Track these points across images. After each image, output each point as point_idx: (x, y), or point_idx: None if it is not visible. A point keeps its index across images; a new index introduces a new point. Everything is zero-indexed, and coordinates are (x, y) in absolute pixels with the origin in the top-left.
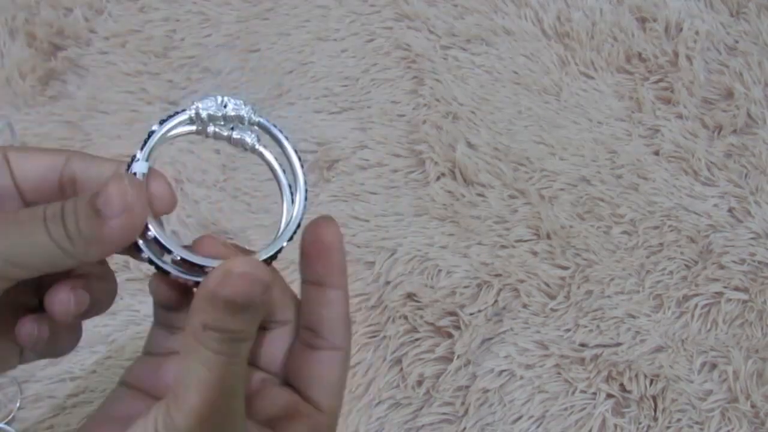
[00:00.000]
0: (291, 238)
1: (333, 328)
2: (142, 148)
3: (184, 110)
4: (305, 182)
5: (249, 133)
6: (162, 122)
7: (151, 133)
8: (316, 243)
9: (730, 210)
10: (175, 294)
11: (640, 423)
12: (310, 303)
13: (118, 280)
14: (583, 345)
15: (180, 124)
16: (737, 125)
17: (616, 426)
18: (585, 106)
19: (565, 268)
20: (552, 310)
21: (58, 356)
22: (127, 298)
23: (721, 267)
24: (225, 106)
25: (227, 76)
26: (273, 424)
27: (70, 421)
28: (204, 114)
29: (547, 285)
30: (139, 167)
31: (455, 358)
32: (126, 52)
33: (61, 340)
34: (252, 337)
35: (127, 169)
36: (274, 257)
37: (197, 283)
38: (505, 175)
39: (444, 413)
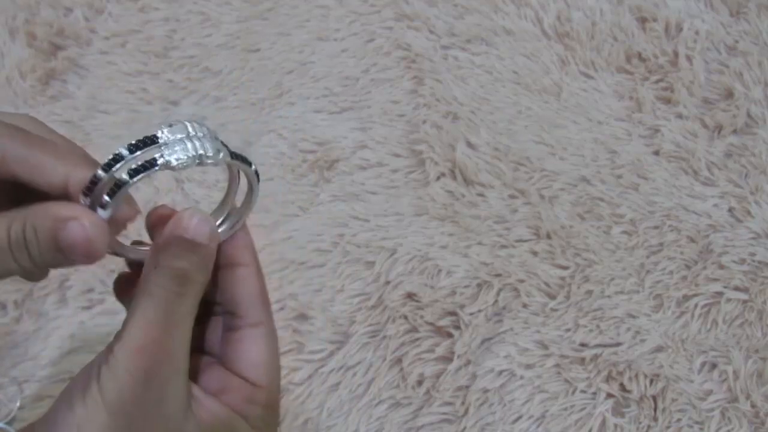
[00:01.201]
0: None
1: (248, 306)
2: (110, 196)
3: (154, 161)
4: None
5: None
6: (133, 171)
7: (121, 183)
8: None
9: (730, 210)
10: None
11: (640, 423)
12: (224, 285)
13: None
14: (583, 345)
15: (149, 167)
16: (737, 125)
17: (616, 426)
18: (585, 106)
19: (565, 268)
20: (552, 309)
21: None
22: None
23: (721, 267)
24: (200, 157)
25: (227, 76)
26: (216, 398)
27: None
28: (175, 163)
29: (547, 285)
30: (104, 214)
31: (455, 358)
32: (126, 52)
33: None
34: (198, 282)
35: (89, 191)
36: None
37: None
38: (505, 175)
39: (444, 413)
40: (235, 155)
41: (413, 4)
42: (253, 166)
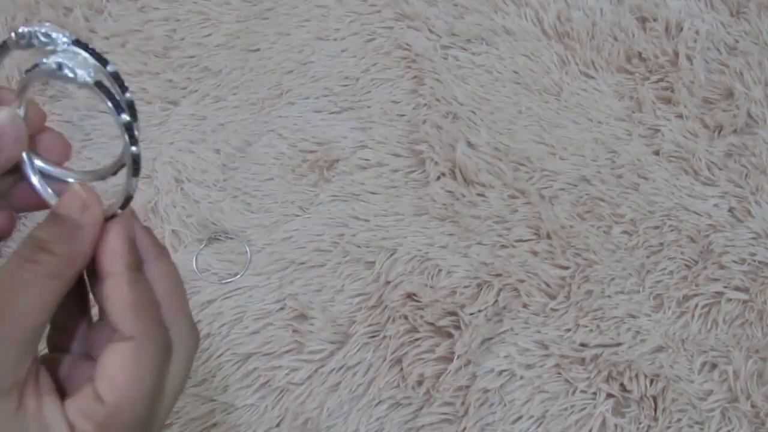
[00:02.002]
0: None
1: (115, 318)
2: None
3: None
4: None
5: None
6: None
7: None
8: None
9: (730, 210)
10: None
11: (640, 423)
12: (97, 298)
13: None
14: (583, 345)
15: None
16: (737, 125)
17: (616, 426)
18: (585, 106)
19: (566, 268)
20: (552, 310)
21: None
22: None
23: (722, 267)
24: (60, 66)
25: (227, 76)
26: (61, 392)
27: None
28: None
29: (548, 285)
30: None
31: (455, 358)
32: (126, 51)
33: None
34: (57, 255)
35: None
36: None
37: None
38: (505, 175)
39: (444, 413)
40: (101, 85)
41: (413, 4)
42: (125, 117)
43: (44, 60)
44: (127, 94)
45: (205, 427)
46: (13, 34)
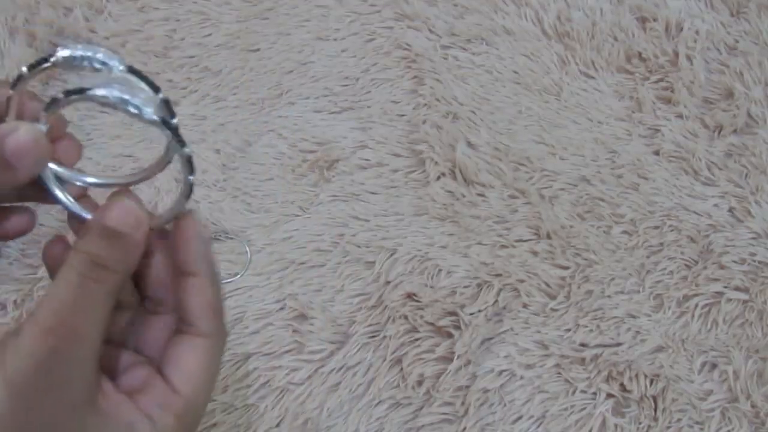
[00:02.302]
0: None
1: (196, 316)
2: (45, 110)
3: (84, 90)
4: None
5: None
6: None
7: (57, 99)
8: (176, 233)
9: (730, 210)
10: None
11: (640, 423)
12: (178, 292)
13: None
14: (583, 345)
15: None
16: (737, 125)
17: (616, 426)
18: (585, 106)
19: (566, 268)
20: (552, 310)
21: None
22: None
23: (722, 267)
24: (125, 102)
25: (227, 76)
26: (126, 389)
27: None
28: (100, 97)
29: (548, 285)
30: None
31: (455, 358)
32: (126, 51)
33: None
34: (117, 271)
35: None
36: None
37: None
38: (505, 175)
39: (444, 413)
40: (165, 122)
41: (413, 4)
42: (188, 150)
43: (101, 91)
44: (175, 120)
45: (205, 427)
46: (60, 55)
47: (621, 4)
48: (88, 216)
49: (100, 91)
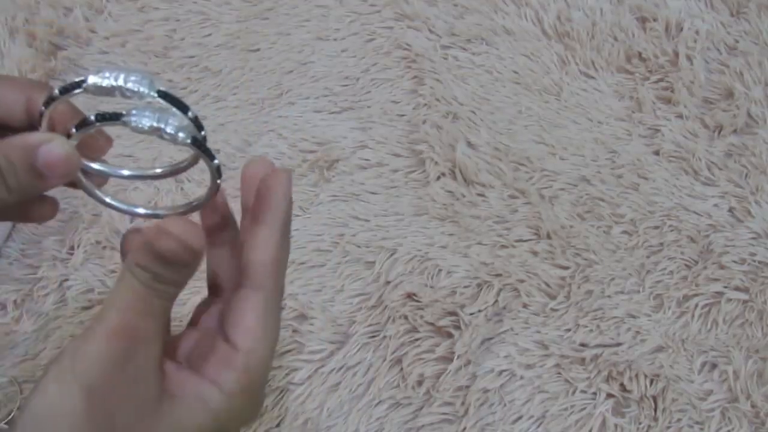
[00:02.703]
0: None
1: (256, 268)
2: (77, 128)
3: (119, 115)
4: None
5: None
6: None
7: (89, 122)
8: (259, 179)
9: (730, 210)
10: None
11: (640, 423)
12: (244, 242)
13: None
14: (583, 345)
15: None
16: (737, 125)
17: (616, 426)
18: (585, 106)
19: (566, 268)
20: (552, 310)
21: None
22: None
23: (722, 267)
24: (158, 130)
25: (227, 76)
26: (191, 363)
27: None
28: (133, 125)
29: (548, 285)
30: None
31: (455, 358)
32: (126, 51)
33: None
34: (181, 284)
35: (46, 105)
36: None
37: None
38: (505, 175)
39: (444, 413)
40: (196, 141)
41: (413, 4)
42: (216, 161)
43: (134, 119)
44: (203, 133)
45: None
46: (92, 81)
47: (621, 4)
48: (135, 210)
49: (133, 120)
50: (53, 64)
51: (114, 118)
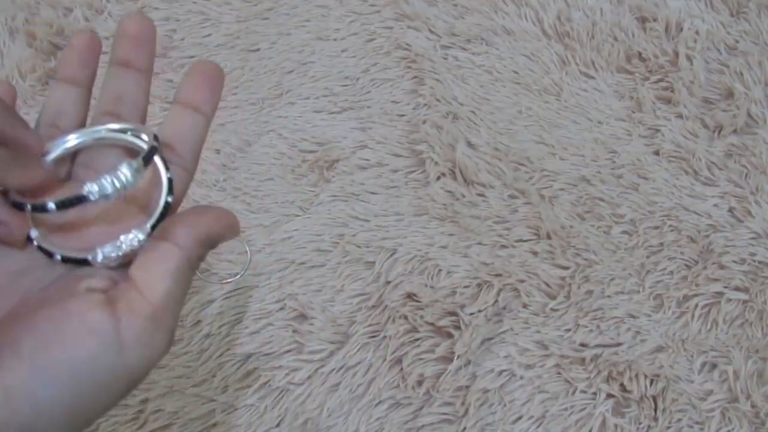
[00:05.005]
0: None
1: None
2: (33, 210)
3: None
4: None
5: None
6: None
7: (46, 209)
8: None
9: (730, 210)
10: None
11: (640, 423)
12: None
13: None
14: (583, 345)
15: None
16: (737, 125)
17: (616, 426)
18: (585, 106)
19: (566, 268)
20: (552, 310)
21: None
22: None
23: (722, 267)
24: (118, 191)
25: (227, 76)
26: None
27: None
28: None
29: (548, 285)
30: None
31: (455, 358)
32: None
33: None
34: None
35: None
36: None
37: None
38: (505, 175)
39: (444, 413)
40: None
41: (413, 4)
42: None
43: (95, 190)
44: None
45: (205, 427)
46: (87, 190)
47: (621, 4)
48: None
49: (95, 192)
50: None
51: (76, 202)
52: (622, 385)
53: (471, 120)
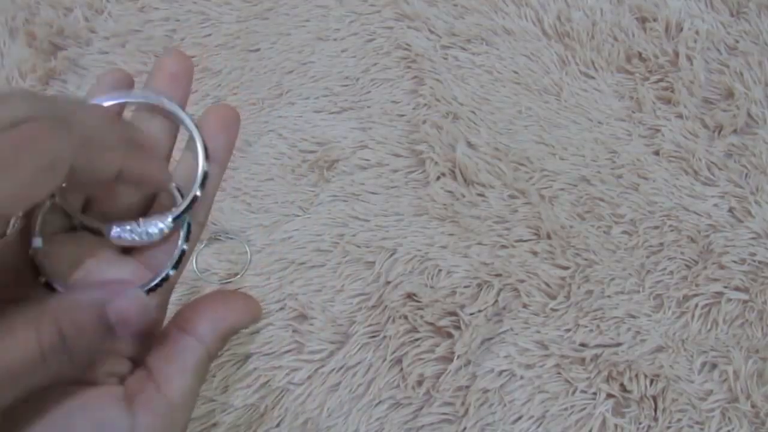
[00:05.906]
0: (175, 266)
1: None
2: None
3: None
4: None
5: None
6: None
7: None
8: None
9: (730, 210)
10: None
11: (640, 423)
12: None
13: None
14: (583, 345)
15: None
16: (737, 125)
17: (616, 426)
18: (585, 106)
19: (566, 268)
20: (552, 310)
21: None
22: None
23: (722, 267)
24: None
25: (227, 76)
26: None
27: None
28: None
29: (547, 285)
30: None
31: (455, 358)
32: (126, 52)
33: None
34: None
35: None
36: (159, 285)
37: None
38: (505, 175)
39: (444, 413)
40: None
41: (413, 4)
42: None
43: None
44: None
45: (205, 427)
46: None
47: (621, 4)
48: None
49: (114, 234)
50: (53, 64)
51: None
52: (622, 385)
53: (471, 120)
